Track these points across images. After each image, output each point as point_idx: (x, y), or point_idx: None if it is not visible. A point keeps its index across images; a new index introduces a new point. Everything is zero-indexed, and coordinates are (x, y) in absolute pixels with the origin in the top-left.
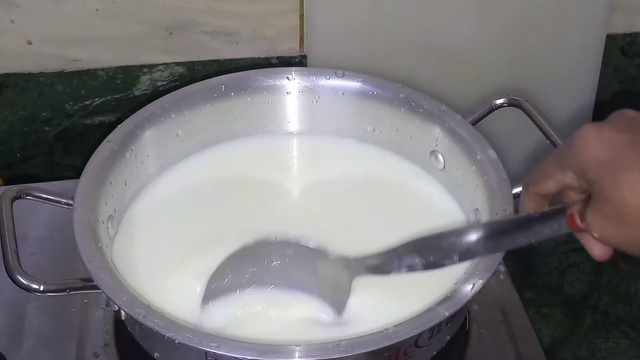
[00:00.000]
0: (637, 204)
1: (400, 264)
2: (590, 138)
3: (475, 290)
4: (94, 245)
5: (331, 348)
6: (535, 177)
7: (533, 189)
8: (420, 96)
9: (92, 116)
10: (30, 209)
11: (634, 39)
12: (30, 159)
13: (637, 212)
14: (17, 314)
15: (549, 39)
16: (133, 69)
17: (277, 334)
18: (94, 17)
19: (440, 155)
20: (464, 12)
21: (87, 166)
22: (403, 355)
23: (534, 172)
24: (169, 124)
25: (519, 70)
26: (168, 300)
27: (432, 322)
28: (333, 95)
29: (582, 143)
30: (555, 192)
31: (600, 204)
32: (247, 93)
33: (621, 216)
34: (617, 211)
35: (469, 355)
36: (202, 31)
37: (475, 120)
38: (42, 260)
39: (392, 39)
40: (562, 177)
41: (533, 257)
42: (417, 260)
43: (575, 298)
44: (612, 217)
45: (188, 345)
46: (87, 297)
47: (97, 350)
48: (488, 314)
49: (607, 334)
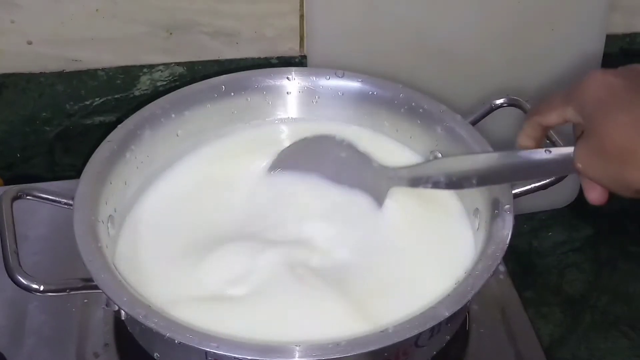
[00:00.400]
0: (619, 140)
1: (427, 179)
2: (595, 80)
3: (475, 290)
4: (94, 245)
5: (331, 348)
6: (541, 107)
7: (537, 118)
8: (420, 96)
9: (92, 116)
10: (30, 209)
11: (634, 39)
12: (31, 159)
13: (618, 148)
14: (17, 314)
15: (549, 39)
16: (133, 69)
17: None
18: (94, 17)
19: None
20: (464, 13)
21: (87, 166)
22: (403, 355)
23: (540, 104)
24: (169, 124)
25: (519, 70)
26: (170, 300)
27: (432, 322)
28: (333, 95)
29: (587, 83)
30: (556, 124)
31: (589, 137)
32: (247, 93)
33: (604, 150)
34: (601, 145)
35: (469, 355)
36: (202, 31)
37: (475, 120)
38: (42, 260)
39: (392, 39)
40: (564, 111)
41: (533, 257)
42: (442, 179)
43: (575, 298)
44: (596, 150)
45: (188, 345)
46: (87, 297)
47: (97, 350)
48: (488, 313)
49: (606, 334)
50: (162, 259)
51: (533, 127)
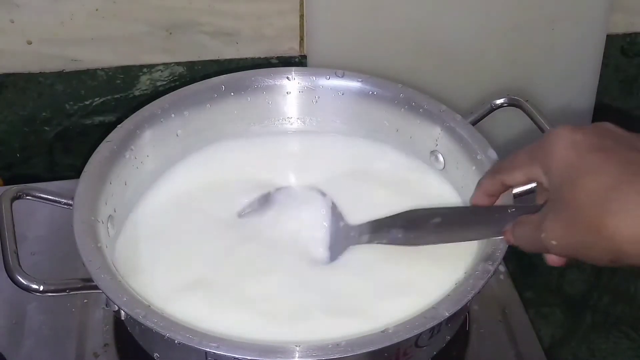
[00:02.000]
0: (590, 211)
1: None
2: (562, 138)
3: (475, 291)
4: (94, 245)
5: (331, 348)
6: (505, 164)
7: (500, 176)
8: (420, 96)
9: (92, 116)
10: (30, 209)
11: (634, 39)
12: (30, 159)
13: (590, 219)
14: (17, 314)
15: (549, 38)
16: (133, 69)
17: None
18: (93, 17)
19: (440, 155)
20: (464, 12)
21: (87, 166)
22: (403, 355)
23: (504, 161)
24: (169, 124)
25: (519, 70)
26: (169, 299)
27: (432, 322)
28: (333, 95)
29: (553, 141)
30: (520, 183)
31: (558, 209)
32: (247, 93)
33: (575, 223)
34: (572, 217)
35: (469, 355)
36: (202, 31)
37: (475, 120)
38: (42, 260)
39: (392, 39)
40: (529, 170)
41: (533, 257)
42: (400, 235)
43: (575, 298)
44: (567, 223)
45: (188, 345)
46: (87, 297)
47: (97, 350)
48: (488, 314)
49: (607, 334)
50: (161, 259)
51: (494, 185)
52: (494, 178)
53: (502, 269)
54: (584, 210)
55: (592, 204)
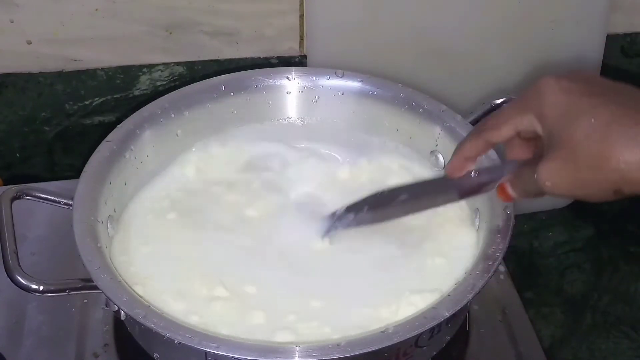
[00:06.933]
0: (591, 147)
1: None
2: (550, 85)
3: (475, 290)
4: (94, 245)
5: (331, 348)
6: (490, 122)
7: (485, 134)
8: (420, 96)
9: (91, 116)
10: (29, 209)
11: (634, 39)
12: (30, 159)
13: (591, 155)
14: (17, 314)
15: (549, 38)
16: (133, 69)
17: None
18: (93, 17)
19: (440, 155)
20: (464, 12)
21: (86, 166)
22: (403, 355)
23: (487, 120)
24: (168, 124)
25: (519, 70)
26: (168, 299)
27: (432, 322)
28: (333, 95)
29: (542, 89)
30: (506, 138)
31: (555, 151)
32: (247, 93)
33: (575, 161)
34: (573, 155)
35: (469, 356)
36: (202, 31)
37: (475, 120)
38: (41, 260)
39: (392, 39)
40: (519, 122)
41: (533, 258)
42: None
43: (575, 298)
44: (567, 162)
45: (188, 345)
46: (87, 297)
47: (97, 350)
48: (488, 314)
49: (607, 334)
50: (161, 259)
51: (477, 145)
52: (478, 138)
53: (502, 269)
54: (583, 148)
55: (591, 140)
